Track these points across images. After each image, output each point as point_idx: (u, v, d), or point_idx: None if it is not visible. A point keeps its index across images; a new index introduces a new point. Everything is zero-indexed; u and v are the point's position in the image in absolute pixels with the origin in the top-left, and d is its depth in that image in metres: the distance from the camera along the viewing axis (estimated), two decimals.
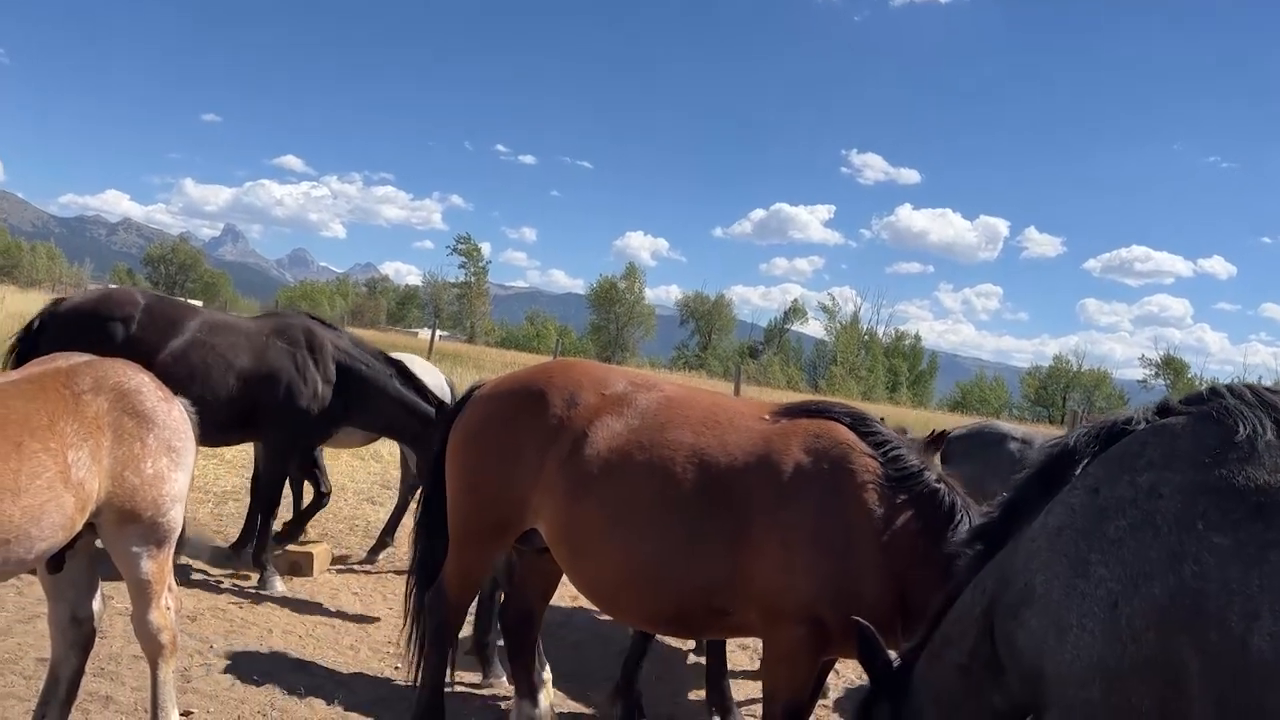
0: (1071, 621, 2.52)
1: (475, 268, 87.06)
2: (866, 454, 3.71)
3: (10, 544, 3.14)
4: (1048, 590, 2.62)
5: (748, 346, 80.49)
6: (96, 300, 7.11)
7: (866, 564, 3.57)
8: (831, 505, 3.63)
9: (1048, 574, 2.64)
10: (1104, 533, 2.53)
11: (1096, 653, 2.44)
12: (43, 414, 3.30)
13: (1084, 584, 2.52)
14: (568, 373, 4.27)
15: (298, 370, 6.96)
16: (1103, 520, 2.56)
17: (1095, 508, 2.60)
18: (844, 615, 3.48)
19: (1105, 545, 2.51)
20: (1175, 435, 2.60)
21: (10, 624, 5.40)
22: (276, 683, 5.16)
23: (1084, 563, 2.54)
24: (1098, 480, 2.67)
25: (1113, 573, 2.47)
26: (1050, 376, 70.45)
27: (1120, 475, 2.61)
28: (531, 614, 4.65)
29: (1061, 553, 2.62)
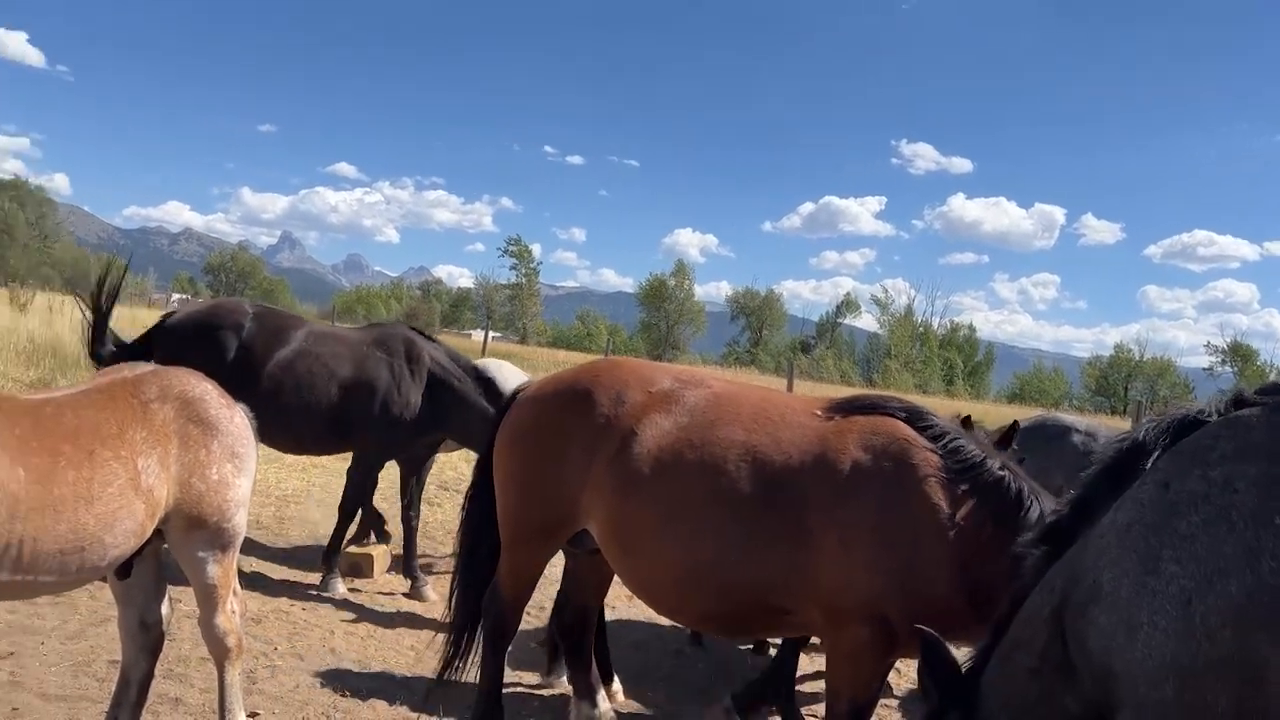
0: (1142, 619, 2.45)
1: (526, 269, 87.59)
2: (925, 448, 3.66)
3: (85, 550, 3.22)
4: (1117, 587, 2.55)
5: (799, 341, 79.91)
6: (207, 311, 7.30)
7: (932, 560, 3.52)
8: (892, 502, 3.58)
9: (1116, 571, 2.57)
10: (1175, 528, 2.47)
11: (1169, 651, 2.38)
12: (112, 423, 3.38)
13: (1155, 581, 2.45)
14: (614, 371, 4.26)
15: (394, 380, 7.06)
16: (1174, 515, 2.49)
17: (1166, 502, 2.53)
18: (910, 613, 3.46)
19: (1177, 541, 2.45)
20: (1250, 427, 2.52)
21: (83, 627, 5.55)
22: (340, 684, 5.24)
23: (1155, 559, 2.47)
24: (1168, 475, 2.60)
25: (1185, 569, 2.40)
26: (1112, 366, 68.80)
27: (1192, 469, 2.54)
28: (587, 615, 4.66)
29: (1131, 549, 2.56)
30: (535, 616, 6.39)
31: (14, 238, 73.70)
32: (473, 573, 4.56)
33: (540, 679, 5.61)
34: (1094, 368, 70.75)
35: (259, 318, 7.12)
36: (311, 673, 5.36)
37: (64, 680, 4.83)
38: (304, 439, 7.13)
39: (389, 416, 7.01)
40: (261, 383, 6.77)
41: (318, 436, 7.07)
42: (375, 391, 7.01)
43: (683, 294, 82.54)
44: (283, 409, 6.79)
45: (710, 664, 6.23)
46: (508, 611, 4.40)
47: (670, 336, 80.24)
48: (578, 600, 4.66)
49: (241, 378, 6.60)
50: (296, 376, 6.89)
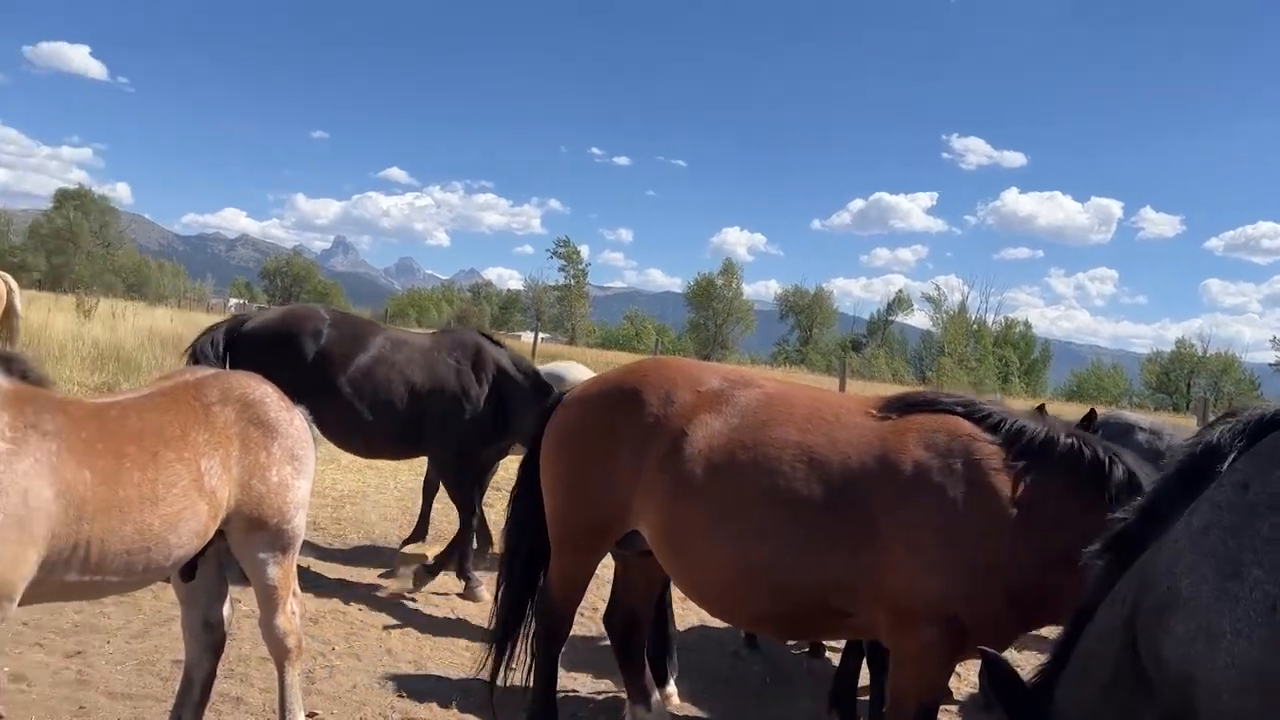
0: (1224, 627, 2.35)
1: (575, 270, 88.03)
2: (987, 440, 3.61)
3: (150, 551, 3.27)
4: (1195, 594, 2.45)
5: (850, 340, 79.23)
6: (283, 317, 7.39)
7: (1003, 555, 3.45)
8: (959, 500, 3.51)
9: (1194, 577, 2.46)
10: (1257, 531, 2.36)
11: (1254, 660, 2.27)
12: (176, 425, 3.43)
13: (1237, 586, 2.35)
14: (661, 370, 4.22)
15: (461, 386, 7.11)
16: (1255, 518, 2.39)
17: (1245, 504, 2.43)
18: (980, 612, 3.41)
19: (1260, 544, 2.34)
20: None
21: (147, 627, 5.65)
22: (396, 684, 5.27)
23: (1236, 564, 2.37)
24: (1247, 476, 2.49)
25: (1270, 575, 2.30)
26: (1173, 362, 67.20)
27: (1273, 470, 2.44)
28: (637, 618, 4.63)
29: (1209, 554, 2.45)
30: (589, 618, 6.38)
31: (78, 246, 75.91)
32: (517, 574, 4.56)
33: (592, 680, 5.60)
34: (1155, 364, 69.19)
35: (336, 324, 7.23)
36: (368, 673, 5.40)
37: (129, 679, 4.92)
38: (375, 443, 7.20)
39: (459, 422, 7.05)
40: (338, 388, 6.87)
41: (397, 439, 7.14)
42: (444, 397, 7.06)
43: (731, 293, 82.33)
44: (358, 413, 6.89)
45: (766, 666, 6.17)
46: (559, 614, 4.40)
47: (719, 336, 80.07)
48: (627, 602, 4.63)
49: (318, 383, 6.73)
50: (374, 382, 6.98)
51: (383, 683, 5.29)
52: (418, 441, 7.23)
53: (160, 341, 20.54)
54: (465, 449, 7.19)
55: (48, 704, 4.53)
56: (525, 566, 4.56)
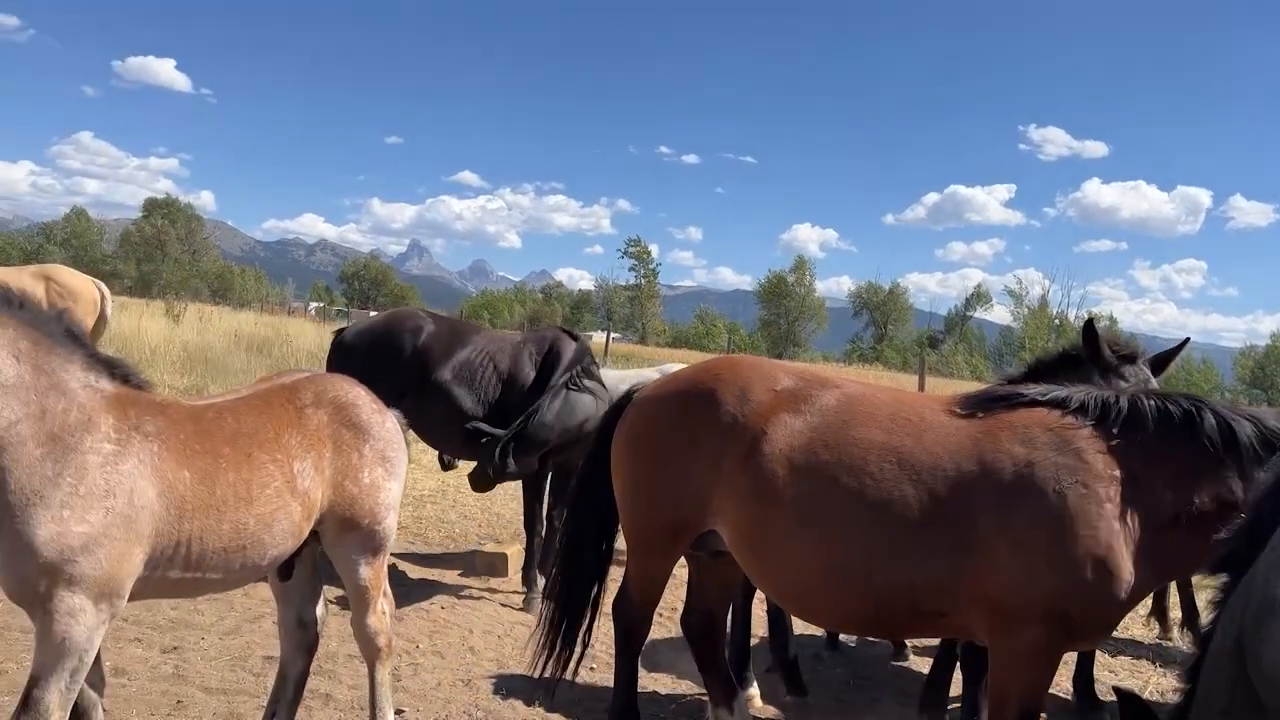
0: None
1: (646, 269, 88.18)
2: (1078, 426, 3.55)
3: (246, 549, 3.35)
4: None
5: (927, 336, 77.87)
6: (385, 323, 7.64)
7: (1109, 542, 3.39)
8: (1060, 494, 3.44)
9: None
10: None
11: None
12: (269, 428, 3.51)
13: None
14: (735, 369, 4.18)
15: (540, 381, 7.14)
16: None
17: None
18: (1086, 606, 3.39)
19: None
20: None
21: (239, 624, 5.81)
22: (480, 683, 5.33)
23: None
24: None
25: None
26: (1268, 356, 64.58)
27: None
28: (714, 620, 4.59)
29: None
30: (668, 619, 6.36)
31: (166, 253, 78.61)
32: (578, 570, 4.54)
33: (673, 681, 5.59)
34: (1248, 358, 66.62)
35: (437, 324, 7.41)
36: (452, 671, 5.47)
37: (223, 674, 5.06)
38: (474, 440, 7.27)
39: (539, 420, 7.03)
40: (440, 387, 7.01)
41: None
42: (526, 391, 7.10)
43: (803, 290, 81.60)
44: (460, 412, 7.00)
45: (849, 669, 6.08)
46: (638, 615, 4.38)
47: (791, 334, 79.43)
48: (703, 605, 4.59)
49: (420, 384, 6.90)
50: (472, 378, 7.11)
51: (466, 681, 5.35)
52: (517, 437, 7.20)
53: (245, 345, 21.16)
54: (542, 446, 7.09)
55: (146, 698, 4.68)
56: (589, 564, 4.54)
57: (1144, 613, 7.42)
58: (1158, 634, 7.16)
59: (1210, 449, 3.44)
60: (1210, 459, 3.44)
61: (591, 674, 5.58)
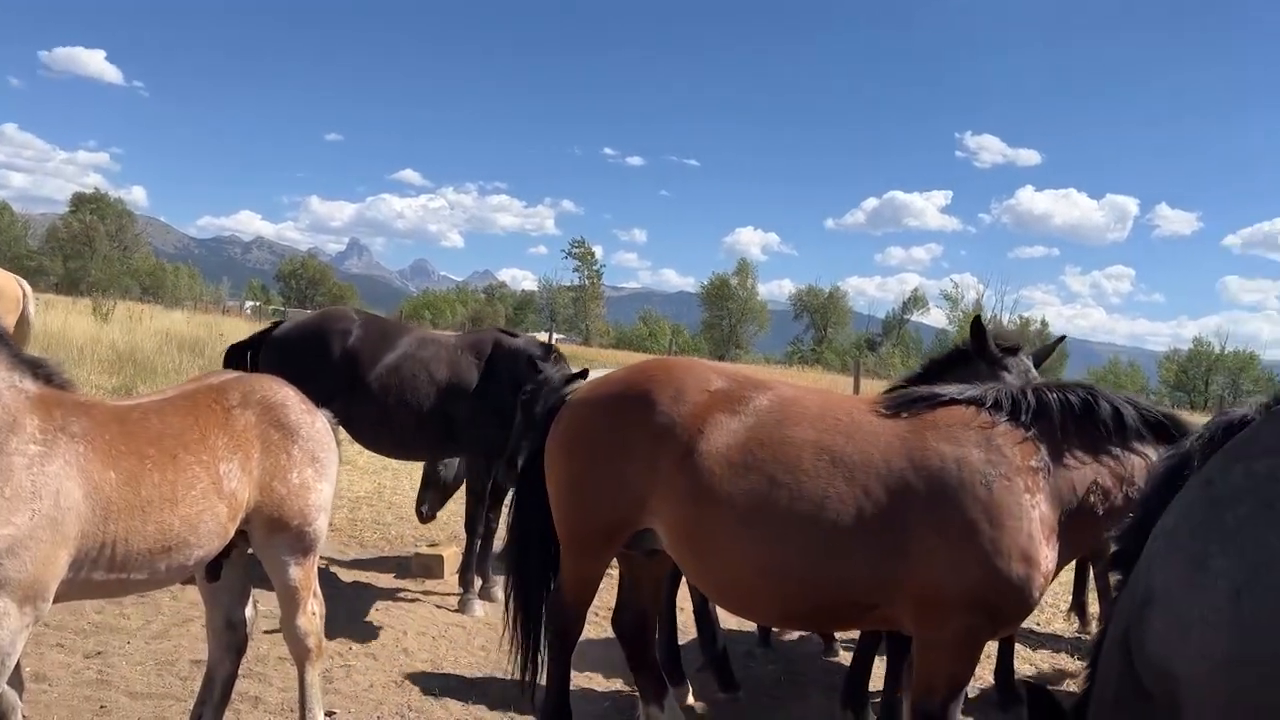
0: (1194, 616, 2.42)
1: (590, 271, 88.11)
2: (996, 423, 3.77)
3: (172, 550, 3.33)
4: (1167, 588, 2.53)
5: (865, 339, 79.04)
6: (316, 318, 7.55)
7: (1033, 534, 3.60)
8: (984, 489, 3.63)
9: (1165, 573, 2.55)
10: (1221, 523, 2.44)
11: (1222, 646, 2.34)
12: (195, 428, 3.49)
13: (1203, 577, 2.42)
14: (668, 371, 4.25)
15: (484, 384, 7.09)
16: (1218, 511, 2.47)
17: (1209, 499, 2.51)
18: (1009, 597, 3.57)
19: (1223, 535, 2.42)
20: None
21: (167, 627, 5.72)
22: (413, 683, 5.33)
23: (1202, 555, 2.44)
24: (1210, 473, 2.58)
25: (1232, 562, 2.36)
26: (1191, 360, 66.80)
27: (1234, 465, 2.52)
28: (646, 619, 4.66)
29: (1179, 549, 2.53)
30: (603, 618, 6.41)
31: (95, 249, 76.40)
32: (526, 575, 4.59)
33: (604, 680, 5.64)
34: (1172, 362, 68.77)
35: (365, 325, 7.29)
36: (385, 672, 5.46)
37: (149, 679, 4.99)
38: (409, 441, 7.22)
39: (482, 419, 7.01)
40: (368, 388, 6.94)
41: (423, 439, 7.16)
42: (467, 396, 7.05)
43: (745, 293, 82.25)
44: (387, 413, 6.94)
45: (780, 665, 6.19)
46: (572, 615, 4.43)
47: (733, 335, 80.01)
48: (635, 604, 4.65)
49: (349, 384, 6.81)
50: (401, 380, 7.01)
51: (399, 682, 5.34)
52: (446, 441, 7.20)
53: (177, 344, 20.71)
54: (492, 449, 7.05)
55: (69, 704, 4.60)
56: (536, 567, 4.59)
57: (1065, 608, 7.67)
58: (1077, 628, 7.40)
59: (1105, 432, 3.78)
60: (1106, 441, 3.78)
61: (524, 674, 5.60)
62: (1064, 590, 7.89)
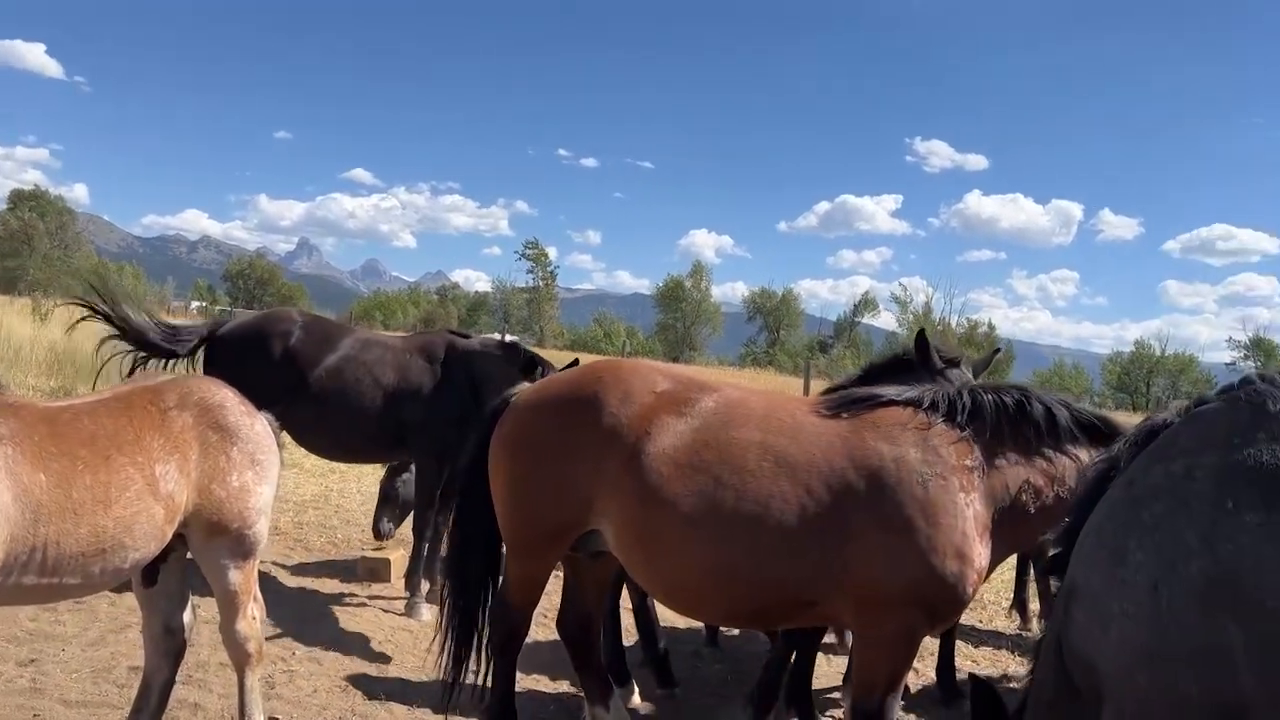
0: (1114, 609, 2.53)
1: (544, 272, 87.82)
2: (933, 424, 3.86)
3: (106, 554, 3.27)
4: (1089, 582, 2.65)
5: (817, 341, 79.75)
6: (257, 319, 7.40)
7: (968, 532, 3.70)
8: (921, 488, 3.72)
9: (1088, 568, 2.67)
10: (1140, 520, 2.55)
11: (1140, 637, 2.45)
12: (130, 429, 3.43)
13: (1124, 571, 2.53)
14: (616, 372, 4.26)
15: (437, 386, 7.01)
16: (1138, 508, 2.58)
17: (1130, 498, 2.64)
18: (950, 591, 3.68)
19: (1142, 531, 2.53)
20: (1206, 421, 2.63)
21: (104, 634, 5.61)
22: (357, 688, 5.28)
23: (1122, 550, 2.56)
24: (1133, 473, 2.71)
25: (1149, 556, 2.48)
26: (1133, 362, 68.29)
27: (1154, 465, 2.65)
28: (590, 620, 4.67)
29: (1100, 545, 2.65)
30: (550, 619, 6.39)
31: (34, 248, 74.41)
32: (467, 576, 4.55)
33: (550, 681, 5.63)
34: (1115, 364, 70.27)
35: (307, 326, 7.15)
36: (329, 677, 5.40)
37: (85, 687, 4.89)
38: (355, 445, 7.11)
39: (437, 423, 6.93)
40: (309, 390, 6.81)
41: (370, 441, 7.05)
42: (419, 399, 6.96)
43: (699, 295, 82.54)
44: (329, 416, 6.82)
45: (727, 665, 6.23)
46: (517, 617, 4.42)
47: (687, 337, 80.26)
48: (580, 606, 4.65)
49: (291, 387, 6.70)
50: (343, 382, 6.90)
51: (344, 686, 5.29)
52: (396, 445, 7.11)
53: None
54: (445, 452, 6.91)
55: (1, 713, 4.48)
56: (478, 570, 4.55)
57: (1006, 605, 7.82)
58: (1019, 625, 7.55)
59: (1038, 432, 3.89)
60: (1039, 441, 3.90)
61: (472, 676, 5.58)
62: (1005, 588, 8.05)
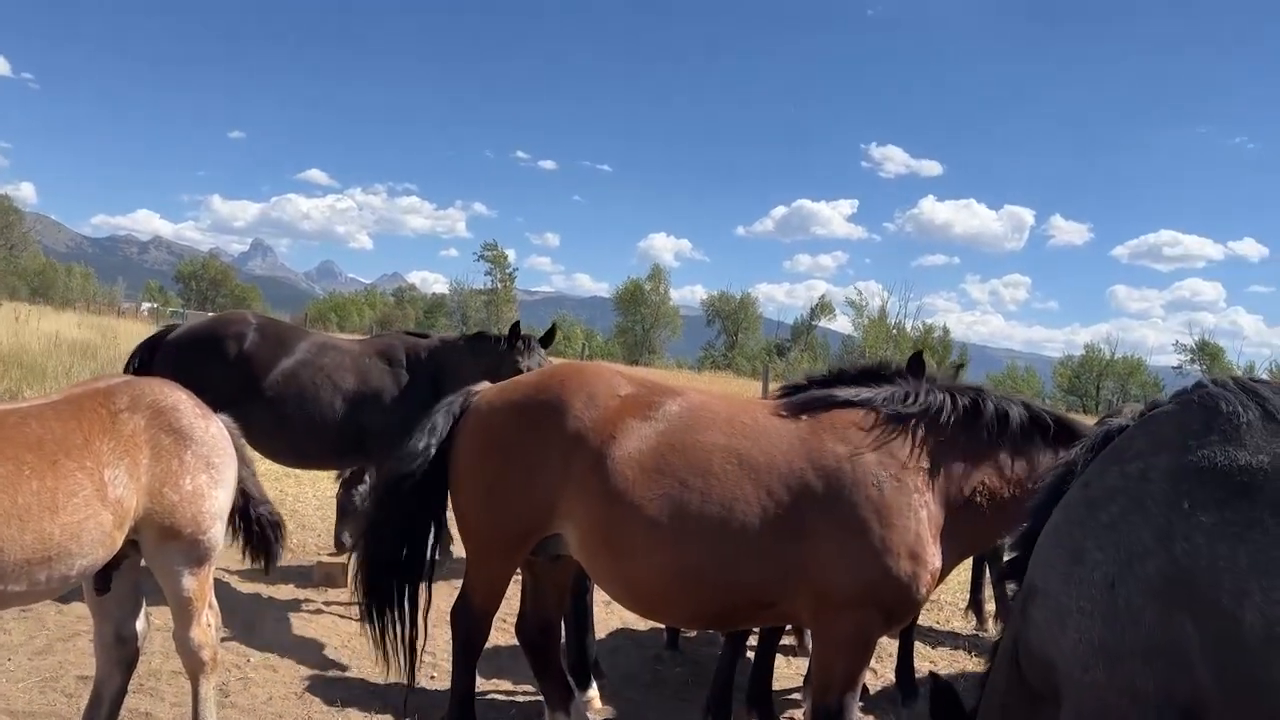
0: (1071, 607, 2.58)
1: (502, 274, 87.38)
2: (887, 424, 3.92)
3: (53, 561, 3.19)
4: (1047, 582, 2.70)
5: (775, 345, 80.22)
6: (210, 322, 7.25)
7: (921, 533, 3.75)
8: (876, 488, 3.77)
9: (1046, 568, 2.72)
10: (1097, 520, 2.61)
11: (1097, 634, 2.50)
12: (78, 433, 3.35)
13: (1081, 570, 2.59)
14: (579, 376, 4.26)
15: (399, 390, 6.93)
16: (1094, 509, 2.64)
17: (1087, 499, 2.69)
18: (904, 591, 3.73)
19: (1099, 531, 2.59)
20: (1161, 423, 2.69)
21: (51, 642, 5.47)
22: (314, 694, 5.21)
23: (1079, 550, 2.62)
24: (1090, 476, 2.77)
25: (1107, 555, 2.54)
26: (1083, 366, 69.60)
27: (1110, 467, 2.71)
28: (551, 625, 4.65)
29: (1058, 546, 2.71)
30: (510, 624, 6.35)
31: None
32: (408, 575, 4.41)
33: (512, 686, 5.60)
34: (1066, 368, 71.55)
35: (261, 329, 7.03)
36: (285, 684, 5.32)
37: (32, 696, 4.77)
38: (312, 450, 6.98)
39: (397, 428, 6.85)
40: (263, 395, 6.69)
41: (328, 447, 6.93)
42: (380, 403, 6.88)
43: (658, 298, 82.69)
44: (285, 422, 6.71)
45: (688, 668, 6.23)
46: (478, 622, 4.38)
47: (646, 340, 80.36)
48: (539, 610, 4.61)
49: (244, 391, 6.57)
50: (300, 387, 6.78)
51: (300, 694, 5.21)
52: (356, 450, 7.02)
53: (68, 347, 19.81)
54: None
55: None
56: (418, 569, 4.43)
57: (963, 606, 7.91)
58: (975, 626, 7.64)
59: (992, 434, 3.95)
60: (993, 442, 3.95)
61: (432, 681, 5.53)
62: (962, 589, 8.14)
